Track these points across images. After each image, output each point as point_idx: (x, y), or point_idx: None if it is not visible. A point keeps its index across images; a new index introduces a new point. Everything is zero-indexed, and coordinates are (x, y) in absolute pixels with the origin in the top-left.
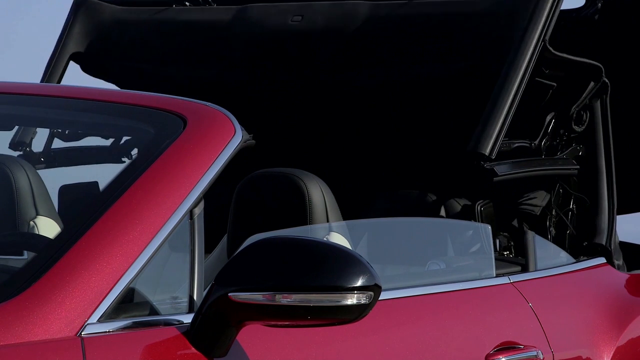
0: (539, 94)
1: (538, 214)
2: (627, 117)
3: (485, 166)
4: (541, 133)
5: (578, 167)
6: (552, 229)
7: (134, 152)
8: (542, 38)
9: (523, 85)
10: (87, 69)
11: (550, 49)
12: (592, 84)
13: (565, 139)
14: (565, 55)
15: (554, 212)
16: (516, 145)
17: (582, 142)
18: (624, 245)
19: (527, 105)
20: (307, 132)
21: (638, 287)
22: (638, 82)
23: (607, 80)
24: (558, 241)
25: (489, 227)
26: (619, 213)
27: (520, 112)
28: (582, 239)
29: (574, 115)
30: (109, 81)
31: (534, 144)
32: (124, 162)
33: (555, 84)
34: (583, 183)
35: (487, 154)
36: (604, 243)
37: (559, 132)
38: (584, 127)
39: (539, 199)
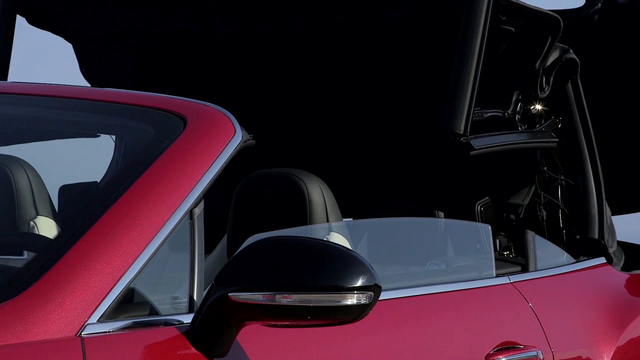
0: (499, 44)
1: (522, 213)
2: (627, 117)
3: (462, 140)
4: (513, 100)
5: (557, 140)
6: (543, 211)
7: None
8: None
9: (484, 44)
10: (34, 20)
11: None
12: (550, 38)
13: (539, 108)
14: (519, 1)
15: (542, 197)
16: (489, 114)
17: (559, 116)
18: (624, 245)
19: (491, 61)
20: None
21: (638, 287)
22: (638, 82)
23: (576, 59)
24: (551, 227)
25: (489, 227)
26: (619, 213)
27: (488, 72)
28: (575, 225)
29: (540, 72)
30: (58, 33)
31: (507, 113)
32: (99, 136)
33: (513, 29)
34: (567, 165)
35: (461, 132)
36: (596, 234)
37: (530, 101)
38: (546, 93)
39: (522, 195)
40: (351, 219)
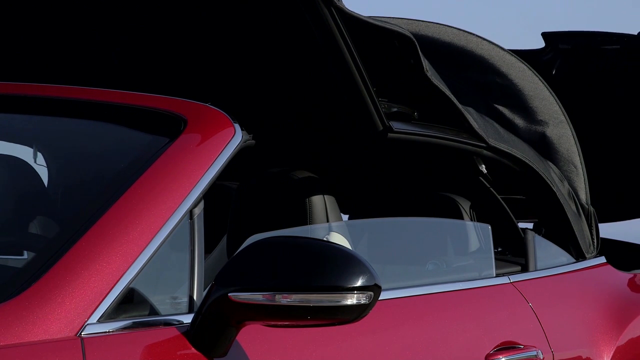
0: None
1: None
2: (627, 120)
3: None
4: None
5: (484, 145)
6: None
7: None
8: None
9: (355, 54)
10: None
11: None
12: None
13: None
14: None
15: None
16: (395, 109)
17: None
18: (624, 245)
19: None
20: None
21: (638, 286)
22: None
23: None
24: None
25: (489, 227)
26: (619, 220)
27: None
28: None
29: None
30: None
31: (416, 114)
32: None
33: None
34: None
35: (381, 129)
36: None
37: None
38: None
39: None
40: (347, 218)
